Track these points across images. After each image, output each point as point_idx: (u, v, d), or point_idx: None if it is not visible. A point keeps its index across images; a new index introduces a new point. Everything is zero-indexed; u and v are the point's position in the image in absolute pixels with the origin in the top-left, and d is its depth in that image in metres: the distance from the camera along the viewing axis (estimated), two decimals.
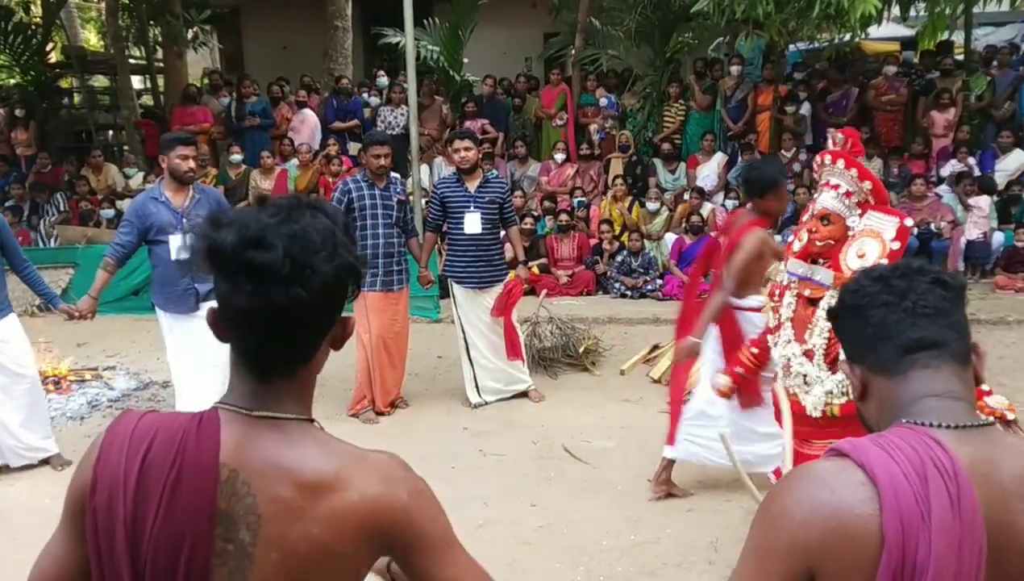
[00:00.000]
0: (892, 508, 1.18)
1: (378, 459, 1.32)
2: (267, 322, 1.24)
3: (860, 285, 1.41)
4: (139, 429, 1.28)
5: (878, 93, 10.80)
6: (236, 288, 1.22)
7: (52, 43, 13.70)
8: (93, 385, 6.75)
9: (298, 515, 1.23)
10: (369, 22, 14.20)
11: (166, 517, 1.22)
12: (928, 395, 1.31)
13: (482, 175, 6.00)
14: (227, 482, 1.23)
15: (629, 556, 3.95)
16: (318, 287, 1.24)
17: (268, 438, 1.27)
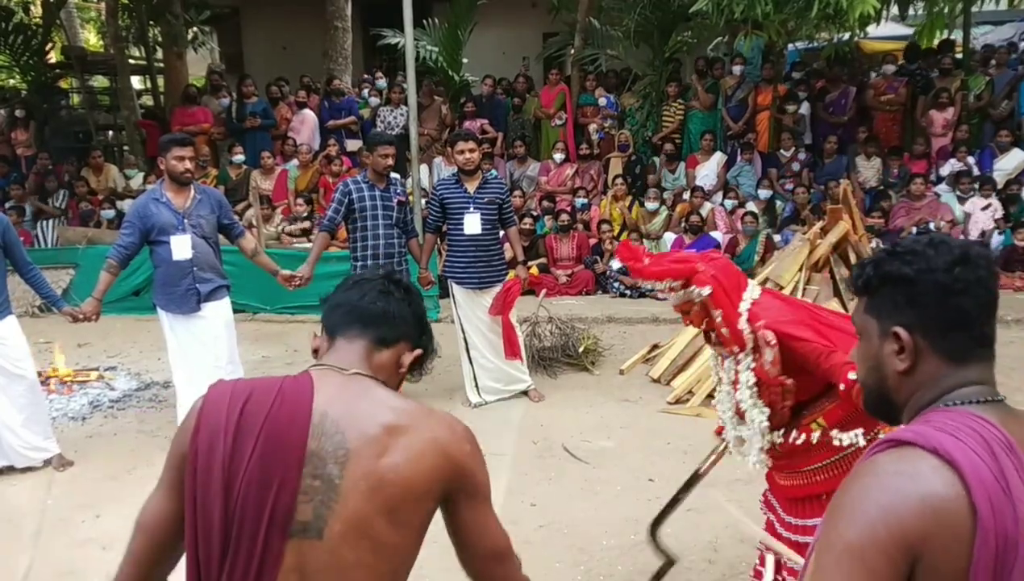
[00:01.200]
0: (978, 486, 1.20)
1: (443, 413, 1.62)
2: (349, 313, 1.74)
3: (950, 266, 1.36)
4: (239, 387, 1.51)
5: (877, 93, 10.82)
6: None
7: (52, 43, 13.70)
8: (94, 385, 6.76)
9: (383, 448, 1.44)
10: (368, 23, 14.21)
11: (261, 455, 1.39)
12: (978, 382, 1.37)
13: (481, 176, 6.01)
14: (319, 424, 1.43)
15: (629, 555, 3.96)
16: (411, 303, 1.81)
17: (356, 388, 1.54)
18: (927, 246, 1.39)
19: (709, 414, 5.79)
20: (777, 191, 10.21)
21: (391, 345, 1.68)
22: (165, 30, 13.01)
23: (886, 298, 1.42)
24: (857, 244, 6.40)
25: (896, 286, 1.40)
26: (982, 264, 1.38)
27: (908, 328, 1.38)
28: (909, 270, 1.38)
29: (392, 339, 1.68)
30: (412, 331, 1.72)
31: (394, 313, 1.69)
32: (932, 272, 1.37)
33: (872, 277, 1.44)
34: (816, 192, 9.99)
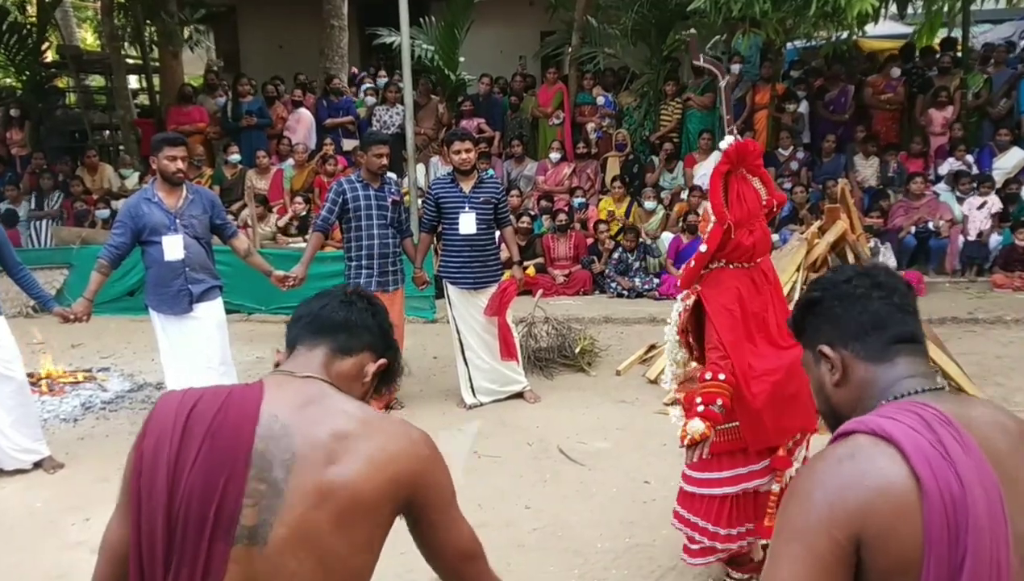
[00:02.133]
0: (915, 453, 1.25)
1: (398, 420, 1.60)
2: (305, 321, 1.71)
3: (849, 277, 1.52)
4: (189, 393, 1.48)
5: (875, 91, 10.78)
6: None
7: (47, 43, 13.65)
8: (87, 387, 6.71)
9: (332, 457, 1.39)
10: (365, 21, 14.17)
11: (207, 456, 1.36)
12: (911, 376, 1.43)
13: (477, 175, 5.96)
14: (265, 424, 1.39)
15: (623, 559, 3.92)
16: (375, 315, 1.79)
17: (308, 392, 1.49)
18: (831, 272, 1.60)
19: None
20: None
21: (353, 354, 1.63)
22: (160, 29, 12.96)
23: (810, 327, 1.57)
24: (855, 243, 6.36)
25: (811, 312, 1.56)
26: (880, 272, 1.53)
27: (830, 344, 1.51)
28: (816, 293, 1.56)
29: (354, 348, 1.64)
30: (376, 342, 1.67)
31: (356, 322, 1.66)
32: (834, 286, 1.53)
33: (796, 316, 1.60)
34: (814, 191, 9.95)
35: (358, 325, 1.65)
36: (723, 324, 3.12)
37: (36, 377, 6.53)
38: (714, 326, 3.12)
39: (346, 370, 1.62)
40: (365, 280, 5.70)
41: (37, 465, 5.08)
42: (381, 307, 1.74)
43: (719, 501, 3.26)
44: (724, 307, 3.15)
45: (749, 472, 3.23)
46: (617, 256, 9.50)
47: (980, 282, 9.14)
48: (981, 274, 9.28)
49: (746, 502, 3.28)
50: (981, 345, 7.02)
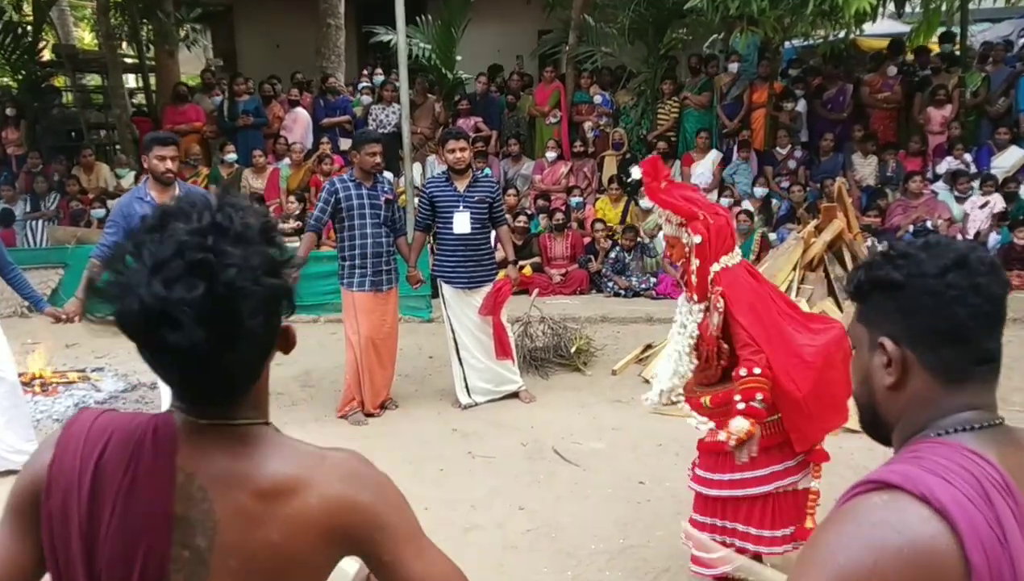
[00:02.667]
0: (972, 537, 1.08)
1: (337, 458, 1.28)
2: (200, 381, 1.18)
3: (945, 269, 1.24)
4: (94, 430, 1.23)
5: (872, 90, 10.75)
6: (155, 358, 1.16)
7: (43, 42, 13.61)
8: (80, 387, 6.67)
9: (256, 522, 1.19)
10: (362, 20, 14.13)
11: (121, 522, 1.17)
12: (972, 408, 1.24)
13: (472, 174, 5.93)
14: (183, 486, 1.19)
15: (617, 560, 3.89)
16: (246, 342, 1.14)
17: (222, 444, 1.22)
18: (921, 249, 1.27)
19: None
20: (773, 189, 10.15)
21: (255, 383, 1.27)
22: (157, 28, 12.92)
23: (876, 306, 1.31)
24: (852, 243, 6.33)
25: (886, 292, 1.29)
26: (982, 270, 1.24)
27: (895, 339, 1.27)
28: (898, 275, 1.27)
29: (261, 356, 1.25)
30: (277, 303, 1.20)
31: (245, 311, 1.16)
32: (923, 277, 1.25)
33: (863, 282, 1.33)
34: (812, 190, 9.93)
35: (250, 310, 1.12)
36: (749, 320, 3.05)
37: (29, 377, 6.49)
38: (741, 323, 3.05)
39: (261, 385, 1.28)
40: (359, 279, 5.67)
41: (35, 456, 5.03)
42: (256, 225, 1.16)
43: (761, 501, 3.15)
44: (746, 302, 3.09)
45: (785, 468, 3.14)
46: (614, 255, 9.46)
47: None
48: None
49: (785, 502, 3.18)
50: None
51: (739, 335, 3.05)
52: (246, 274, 1.11)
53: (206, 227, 1.12)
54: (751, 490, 3.13)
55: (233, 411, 1.24)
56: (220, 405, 1.23)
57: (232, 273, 1.10)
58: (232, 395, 1.23)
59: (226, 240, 1.11)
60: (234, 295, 1.10)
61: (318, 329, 8.34)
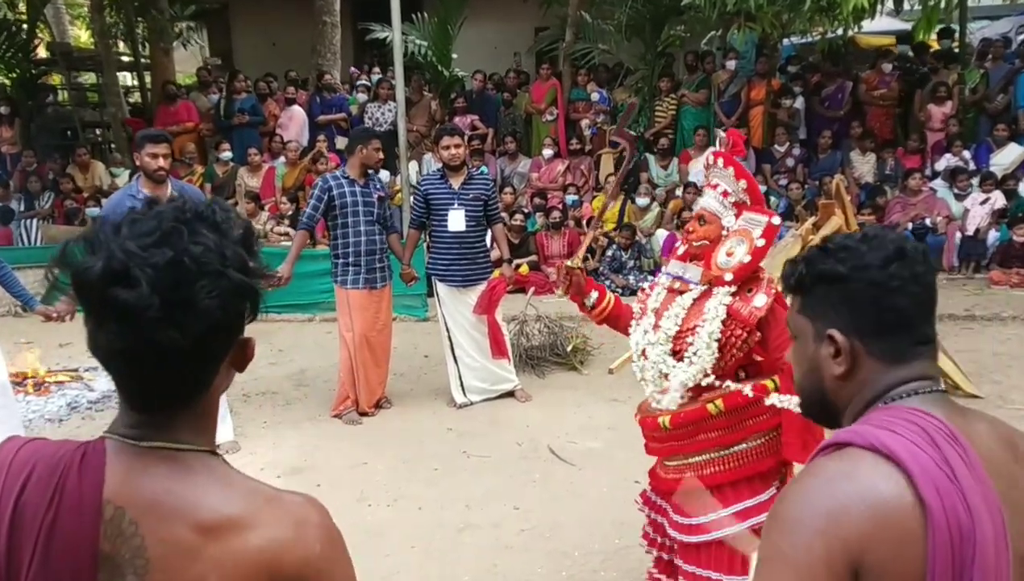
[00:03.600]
0: (922, 477, 1.13)
1: (292, 501, 1.16)
2: (139, 364, 1.08)
3: (886, 261, 1.28)
4: (16, 462, 1.12)
5: (869, 87, 10.71)
6: (100, 326, 1.06)
7: (38, 39, 13.55)
8: (73, 386, 6.63)
9: (192, 558, 1.08)
10: (358, 17, 14.08)
11: (42, 562, 1.08)
12: (918, 378, 1.29)
13: (467, 172, 5.89)
14: (111, 521, 1.08)
15: (613, 560, 3.85)
16: (197, 326, 1.07)
17: (159, 472, 1.11)
18: (861, 242, 1.33)
19: None
20: (771, 187, 10.10)
21: (213, 378, 1.17)
22: (152, 26, 12.87)
23: (820, 298, 1.35)
24: None
25: (830, 285, 1.33)
26: (919, 259, 1.30)
27: (843, 331, 1.31)
28: (842, 268, 1.31)
29: (212, 370, 1.16)
30: (235, 318, 1.14)
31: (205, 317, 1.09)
32: (866, 270, 1.30)
33: (805, 275, 1.36)
34: (810, 188, 9.88)
35: (176, 354, 1.07)
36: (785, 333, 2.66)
37: (21, 376, 6.44)
38: (783, 327, 2.61)
39: (207, 405, 1.18)
40: (353, 277, 5.62)
41: None
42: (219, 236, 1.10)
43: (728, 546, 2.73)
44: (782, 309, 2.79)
45: (757, 504, 2.74)
46: (611, 254, 9.41)
47: (977, 279, 9.07)
48: (978, 271, 9.21)
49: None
50: (978, 342, 6.95)
51: (779, 332, 2.70)
52: (214, 257, 1.07)
53: (189, 210, 1.10)
54: (718, 533, 2.72)
55: (175, 431, 1.14)
56: (162, 414, 1.13)
57: (199, 250, 1.06)
58: (175, 397, 1.13)
59: (204, 225, 1.09)
60: (197, 270, 1.05)
61: (313, 328, 8.30)
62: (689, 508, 2.79)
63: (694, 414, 2.75)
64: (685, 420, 2.77)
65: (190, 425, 1.15)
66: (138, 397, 1.13)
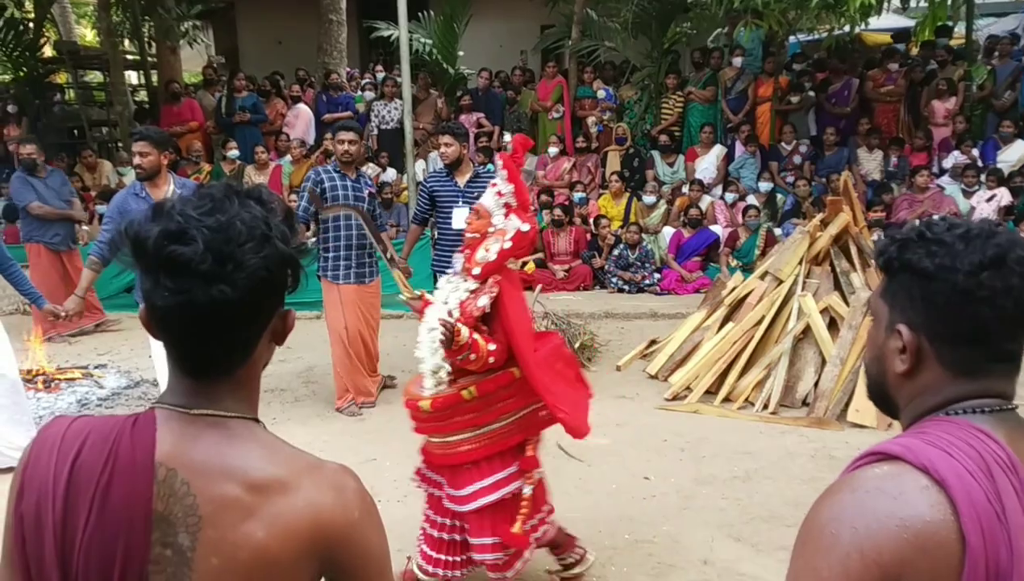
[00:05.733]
0: (968, 511, 1.08)
1: (333, 469, 1.24)
2: (192, 322, 1.14)
3: (979, 267, 1.18)
4: (71, 432, 1.19)
5: (876, 84, 10.69)
6: (157, 285, 1.13)
7: (45, 38, 13.58)
8: (83, 383, 6.64)
9: (242, 515, 1.14)
10: (363, 15, 14.10)
11: (98, 522, 1.13)
12: (987, 394, 1.22)
13: (472, 169, 5.90)
14: (164, 482, 1.15)
15: (623, 555, 3.85)
16: (244, 283, 1.13)
17: (209, 437, 1.18)
18: (960, 238, 1.21)
19: (707, 410, 5.69)
20: (778, 184, 10.10)
21: (255, 347, 1.23)
22: (158, 24, 12.88)
23: (902, 287, 1.26)
24: (858, 236, 6.28)
25: (914, 277, 1.23)
26: (1017, 271, 1.18)
27: (914, 328, 1.23)
28: (930, 264, 1.21)
29: (254, 337, 1.22)
30: (277, 288, 1.20)
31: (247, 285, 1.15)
32: (954, 272, 1.19)
33: (894, 258, 1.27)
34: (817, 185, 9.87)
35: (227, 308, 1.14)
36: (520, 323, 3.13)
37: (32, 374, 6.47)
38: (510, 317, 3.09)
39: (251, 375, 1.25)
40: (344, 272, 5.68)
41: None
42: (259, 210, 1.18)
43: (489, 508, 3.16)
44: (519, 301, 3.23)
45: (508, 475, 3.17)
46: (617, 252, 9.41)
47: None
48: None
49: (503, 508, 3.19)
50: None
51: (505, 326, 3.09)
52: (260, 224, 1.16)
53: (239, 188, 1.20)
54: (485, 499, 3.12)
55: (222, 401, 1.21)
56: (210, 382, 1.20)
57: (248, 216, 1.15)
58: (223, 361, 1.20)
59: (252, 199, 1.19)
60: (247, 233, 1.14)
61: (321, 325, 8.26)
62: (455, 481, 3.16)
63: (450, 399, 3.08)
64: (443, 404, 3.09)
65: (235, 395, 1.23)
66: (189, 361, 1.19)
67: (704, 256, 9.52)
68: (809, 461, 4.85)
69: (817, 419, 5.39)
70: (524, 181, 3.31)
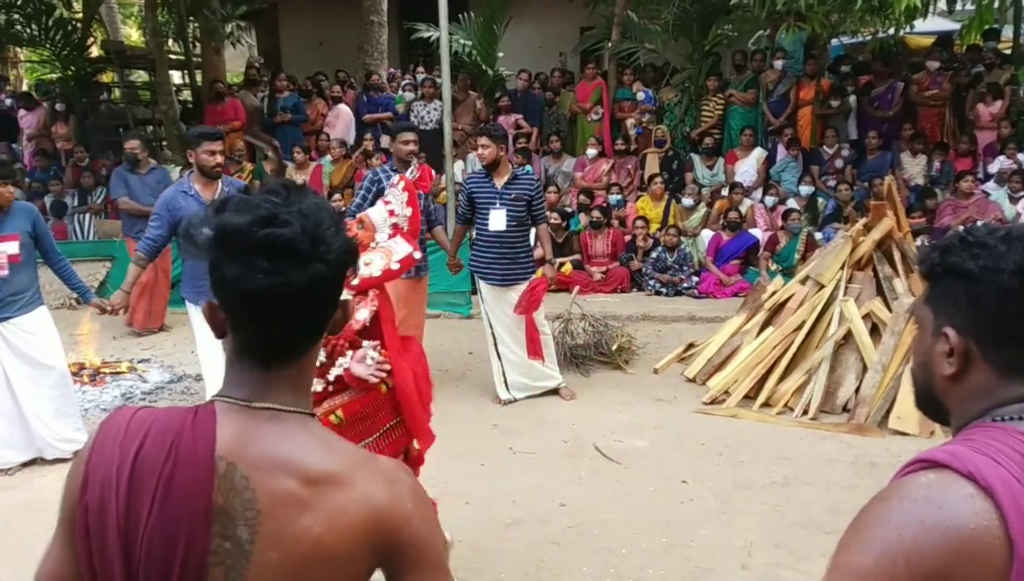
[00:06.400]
0: (1016, 517, 1.08)
1: (386, 462, 1.27)
2: (283, 303, 1.19)
3: (1020, 268, 1.20)
4: (133, 424, 1.23)
5: (920, 88, 10.52)
6: (250, 269, 1.16)
7: (92, 38, 13.82)
8: (127, 378, 6.77)
9: (300, 509, 1.17)
10: (404, 17, 14.19)
11: (160, 514, 1.16)
12: None
13: (511, 171, 5.92)
14: (225, 476, 1.18)
15: (660, 559, 3.84)
16: (334, 262, 1.21)
17: (268, 431, 1.21)
18: (1003, 240, 1.23)
19: (746, 415, 5.65)
20: (819, 188, 9.98)
21: (316, 340, 1.29)
22: (203, 25, 13.06)
23: (946, 291, 1.27)
24: (901, 242, 6.20)
25: (957, 281, 1.25)
26: None
27: (961, 331, 1.24)
28: (973, 266, 1.22)
29: (319, 330, 1.29)
30: (332, 301, 1.27)
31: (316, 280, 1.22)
32: (998, 272, 1.20)
33: (937, 264, 1.28)
34: (859, 189, 9.75)
35: (321, 287, 1.21)
36: (394, 340, 3.20)
37: (77, 367, 6.60)
38: (389, 336, 3.17)
39: (308, 365, 1.30)
40: None
41: (76, 454, 5.12)
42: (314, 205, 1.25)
43: None
44: (393, 312, 3.30)
45: None
46: (656, 254, 9.38)
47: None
48: None
49: None
50: None
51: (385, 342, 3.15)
52: (327, 213, 1.24)
53: (299, 185, 1.28)
54: None
55: (281, 394, 1.24)
56: (273, 373, 1.24)
57: (324, 205, 1.24)
58: (295, 345, 1.25)
59: (311, 193, 1.27)
60: (327, 217, 1.22)
61: None
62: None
63: (362, 403, 3.13)
64: (353, 411, 3.13)
65: (294, 385, 1.26)
66: (264, 347, 1.23)
67: (743, 260, 9.44)
68: (849, 468, 4.80)
69: (858, 425, 5.34)
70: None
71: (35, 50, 13.44)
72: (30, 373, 4.98)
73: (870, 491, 3.39)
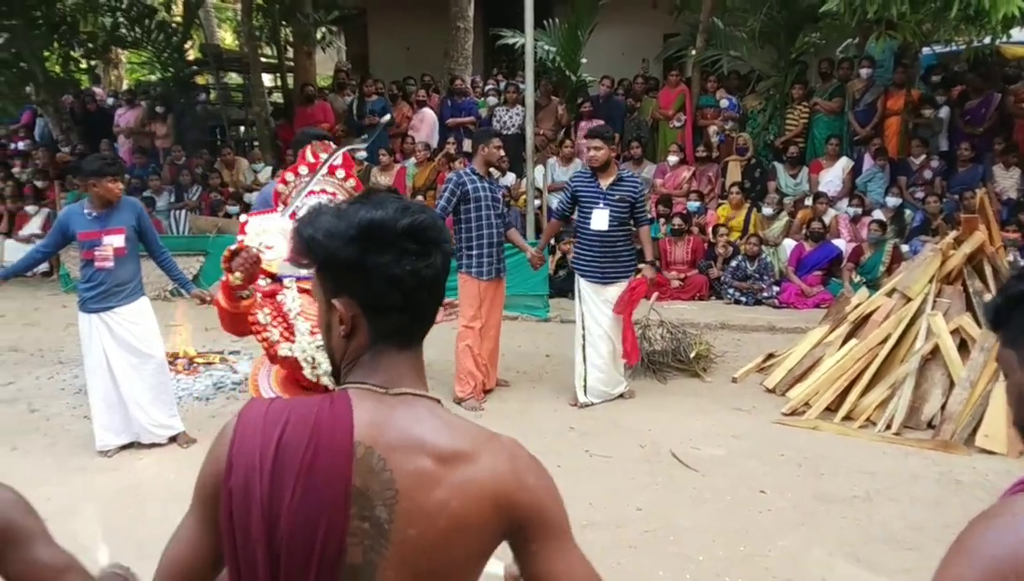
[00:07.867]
0: None
1: (507, 440, 1.35)
2: (428, 283, 1.32)
3: None
4: (272, 411, 1.32)
5: (1017, 99, 10.18)
6: (403, 253, 1.29)
7: (191, 41, 14.36)
8: (219, 368, 7.05)
9: (434, 486, 1.25)
10: (489, 23, 14.36)
11: (303, 497, 1.24)
12: None
13: (616, 173, 6.00)
14: (362, 459, 1.26)
15: (737, 568, 3.85)
16: (448, 249, 1.36)
17: (401, 414, 1.30)
18: None
19: (827, 427, 5.59)
20: (906, 199, 9.76)
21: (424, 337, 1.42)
22: (296, 30, 13.47)
23: (1018, 324, 1.27)
24: (993, 256, 6.04)
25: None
26: None
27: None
28: None
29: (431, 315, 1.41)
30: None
31: (439, 271, 1.37)
32: None
33: (1000, 305, 1.29)
34: (949, 201, 9.49)
35: (446, 269, 1.38)
36: None
37: (172, 356, 6.89)
38: None
39: (422, 355, 1.40)
40: (487, 268, 6.00)
41: (172, 440, 5.38)
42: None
43: None
44: None
45: None
46: (735, 263, 9.31)
47: None
48: None
49: None
50: None
51: None
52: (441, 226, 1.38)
53: (392, 189, 1.46)
54: None
55: (409, 381, 1.34)
56: (409, 351, 1.36)
57: (437, 221, 1.37)
58: (428, 327, 1.38)
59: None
60: (441, 230, 1.36)
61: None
62: None
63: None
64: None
65: (417, 371, 1.38)
66: (404, 330, 1.36)
67: (826, 271, 9.30)
68: (934, 485, 4.71)
69: (943, 442, 5.23)
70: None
71: (137, 52, 14.02)
72: (131, 361, 5.23)
73: (955, 509, 3.37)
